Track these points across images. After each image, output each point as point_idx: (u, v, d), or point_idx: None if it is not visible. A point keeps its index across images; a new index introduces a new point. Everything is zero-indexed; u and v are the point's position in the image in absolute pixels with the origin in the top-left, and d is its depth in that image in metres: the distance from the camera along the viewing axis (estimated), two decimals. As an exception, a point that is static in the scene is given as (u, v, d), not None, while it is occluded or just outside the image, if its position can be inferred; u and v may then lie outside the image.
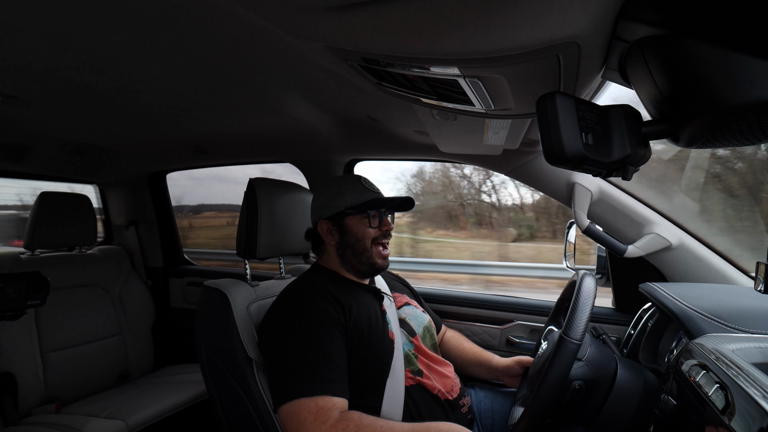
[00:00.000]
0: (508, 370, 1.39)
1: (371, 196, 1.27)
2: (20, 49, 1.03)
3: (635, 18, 0.57)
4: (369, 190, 1.29)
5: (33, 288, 1.65)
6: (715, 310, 0.99)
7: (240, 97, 1.40)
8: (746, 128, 0.51)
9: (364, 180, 1.31)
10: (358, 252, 1.27)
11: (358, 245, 1.27)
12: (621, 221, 1.47)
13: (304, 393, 0.99)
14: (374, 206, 1.26)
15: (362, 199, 1.26)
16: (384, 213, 1.30)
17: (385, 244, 1.30)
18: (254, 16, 0.75)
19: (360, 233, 1.27)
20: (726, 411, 0.58)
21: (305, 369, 1.02)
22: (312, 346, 1.06)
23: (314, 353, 1.05)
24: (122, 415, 1.81)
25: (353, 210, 1.26)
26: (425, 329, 1.35)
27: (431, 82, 0.79)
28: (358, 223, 1.27)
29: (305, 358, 1.04)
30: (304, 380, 1.01)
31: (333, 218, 1.29)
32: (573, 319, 0.93)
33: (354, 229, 1.27)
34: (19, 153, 2.10)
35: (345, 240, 1.28)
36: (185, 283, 2.66)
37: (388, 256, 1.31)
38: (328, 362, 1.05)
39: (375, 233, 1.27)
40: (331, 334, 1.09)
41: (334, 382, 1.03)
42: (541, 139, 0.57)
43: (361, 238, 1.27)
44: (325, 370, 1.03)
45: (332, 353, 1.06)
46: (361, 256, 1.27)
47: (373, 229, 1.27)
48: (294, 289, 1.21)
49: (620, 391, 1.00)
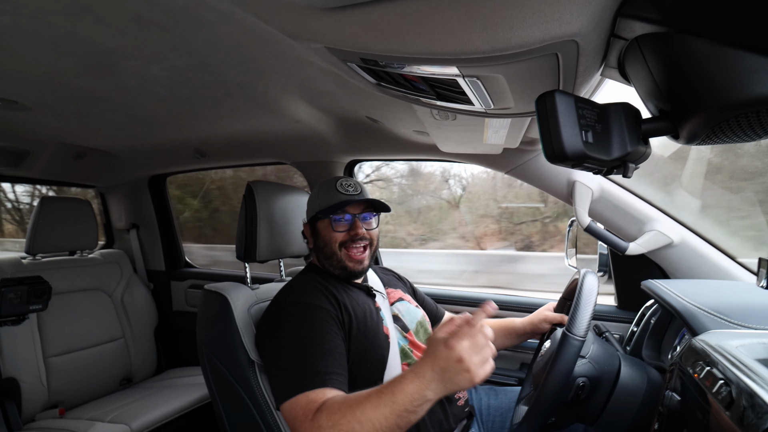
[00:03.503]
0: (536, 329, 1.39)
1: (338, 199, 1.24)
2: (20, 53, 1.03)
3: (634, 16, 0.57)
4: (340, 193, 1.26)
5: (35, 293, 1.66)
6: (718, 306, 0.98)
7: (240, 100, 1.40)
8: (746, 124, 0.51)
9: (342, 181, 1.28)
10: (327, 256, 1.27)
11: (326, 249, 1.27)
12: (622, 219, 1.47)
13: (299, 389, 0.98)
14: (337, 210, 1.24)
15: (329, 202, 1.25)
16: (357, 216, 1.26)
17: (356, 248, 1.26)
18: (253, 18, 0.75)
19: (326, 237, 1.26)
20: (730, 407, 0.58)
21: (303, 365, 1.02)
22: (310, 341, 1.05)
23: (312, 348, 1.04)
24: (126, 419, 1.81)
25: (322, 214, 1.26)
26: (418, 324, 1.35)
27: (430, 81, 0.79)
28: (326, 227, 1.27)
29: (304, 354, 1.03)
30: (302, 376, 1.00)
31: (311, 222, 1.32)
32: (576, 315, 0.94)
33: (322, 233, 1.27)
34: (19, 158, 2.10)
35: (317, 244, 1.30)
36: (187, 286, 2.67)
37: (364, 260, 1.27)
38: (327, 355, 1.04)
39: (342, 237, 1.25)
40: (329, 328, 1.09)
41: (332, 374, 1.02)
42: (541, 137, 0.57)
43: (328, 242, 1.26)
44: (324, 363, 1.02)
45: (331, 347, 1.06)
46: (330, 260, 1.27)
47: (339, 233, 1.25)
48: (289, 288, 1.22)
49: (624, 388, 1.00)
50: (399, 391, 0.85)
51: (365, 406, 0.87)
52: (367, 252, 1.28)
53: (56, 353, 2.05)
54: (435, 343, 0.85)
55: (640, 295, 1.32)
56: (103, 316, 2.30)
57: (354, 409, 0.87)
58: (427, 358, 0.86)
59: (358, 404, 0.88)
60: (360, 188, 1.31)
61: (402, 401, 0.84)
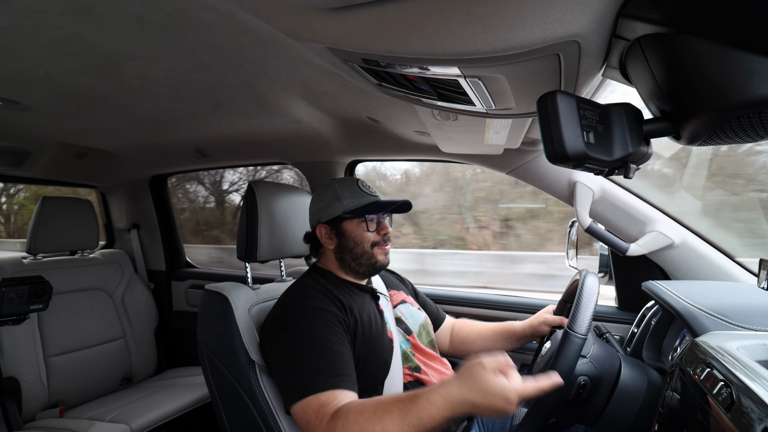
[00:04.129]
0: (536, 332, 1.38)
1: (369, 200, 1.26)
2: (21, 54, 1.03)
3: (635, 16, 0.57)
4: (366, 193, 1.27)
5: (36, 292, 1.66)
6: (718, 307, 0.98)
7: (241, 100, 1.41)
8: (748, 125, 0.51)
9: (361, 183, 1.30)
10: (357, 255, 1.26)
11: (356, 249, 1.26)
12: (623, 219, 1.47)
13: (309, 391, 0.98)
14: (372, 210, 1.25)
15: (360, 203, 1.25)
16: (381, 216, 1.29)
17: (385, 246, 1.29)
18: (254, 18, 0.75)
19: (358, 238, 1.26)
20: (731, 408, 0.58)
21: (312, 367, 1.02)
22: (318, 343, 1.05)
23: (321, 351, 1.04)
24: (126, 419, 1.81)
25: (351, 214, 1.25)
26: (421, 327, 1.36)
27: (432, 82, 0.79)
28: (356, 228, 1.26)
29: (313, 357, 1.03)
30: (312, 378, 1.00)
31: (331, 222, 1.28)
32: (577, 314, 0.94)
33: (352, 234, 1.27)
34: (20, 157, 2.11)
35: (343, 244, 1.27)
36: (187, 285, 2.67)
37: (389, 253, 1.30)
38: (336, 357, 1.04)
39: (374, 237, 1.27)
40: (336, 331, 1.09)
41: (343, 377, 1.02)
42: (542, 138, 0.57)
43: (360, 242, 1.26)
44: (333, 366, 1.03)
45: (339, 349, 1.06)
46: (360, 259, 1.27)
47: (371, 233, 1.26)
48: (295, 291, 1.21)
49: (624, 389, 1.00)
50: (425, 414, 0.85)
51: (386, 421, 0.86)
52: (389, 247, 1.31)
53: (57, 353, 2.05)
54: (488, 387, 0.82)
55: (640, 296, 1.32)
56: (104, 315, 2.30)
57: (373, 422, 0.87)
58: (467, 392, 0.84)
59: (379, 419, 0.87)
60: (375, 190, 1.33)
61: (427, 422, 0.84)
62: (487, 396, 0.81)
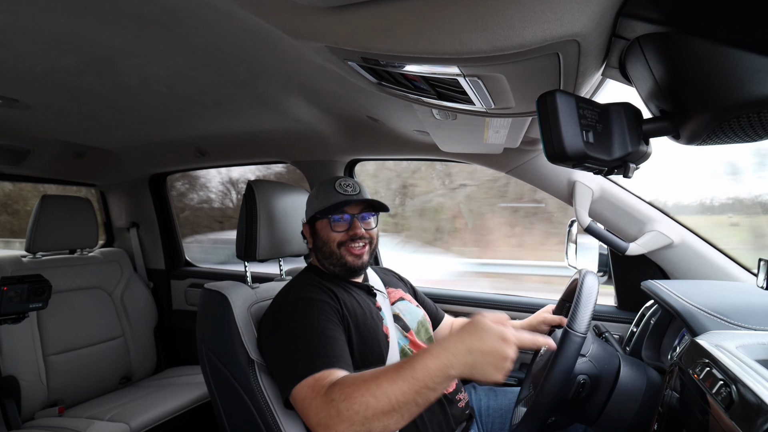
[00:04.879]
0: (536, 331, 1.37)
1: (336, 200, 1.25)
2: (21, 51, 1.03)
3: (635, 15, 0.57)
4: (339, 193, 1.26)
5: (35, 291, 1.66)
6: (717, 307, 0.98)
7: (240, 98, 1.41)
8: (747, 125, 0.51)
9: (340, 183, 1.29)
10: (327, 255, 1.28)
11: (325, 248, 1.28)
12: (622, 219, 1.47)
13: (305, 373, 0.97)
14: (335, 210, 1.25)
15: (327, 203, 1.26)
16: (356, 216, 1.27)
17: (354, 246, 1.27)
18: (254, 17, 0.75)
19: (325, 237, 1.27)
20: (730, 408, 0.58)
21: (307, 351, 1.01)
22: (311, 330, 1.05)
23: (315, 336, 1.04)
24: (125, 418, 1.81)
25: (320, 214, 1.26)
26: (419, 324, 1.36)
27: (431, 81, 0.79)
28: (324, 227, 1.28)
29: (306, 342, 1.03)
30: (307, 361, 0.99)
31: (309, 222, 1.33)
32: (577, 313, 0.94)
33: (321, 233, 1.29)
34: (20, 156, 2.10)
35: (316, 243, 1.31)
36: (186, 284, 2.67)
37: (362, 255, 1.28)
38: (330, 341, 1.04)
39: (341, 237, 1.26)
40: (331, 318, 1.10)
41: (338, 357, 1.01)
42: (541, 137, 0.57)
43: (327, 241, 1.27)
44: (327, 348, 1.02)
45: (333, 334, 1.06)
46: (330, 259, 1.28)
47: (337, 233, 1.26)
48: (289, 288, 1.23)
49: (623, 388, 1.00)
50: (421, 366, 0.82)
51: (381, 380, 0.84)
52: (366, 248, 1.29)
53: (56, 351, 2.05)
54: (485, 328, 0.83)
55: (639, 295, 1.32)
56: (103, 314, 2.30)
57: (369, 383, 0.85)
58: (465, 337, 0.83)
59: (374, 378, 0.85)
60: (359, 188, 1.31)
61: (423, 377, 0.81)
62: (484, 339, 0.81)
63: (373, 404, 0.82)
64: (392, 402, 0.82)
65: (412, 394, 0.82)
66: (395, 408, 0.82)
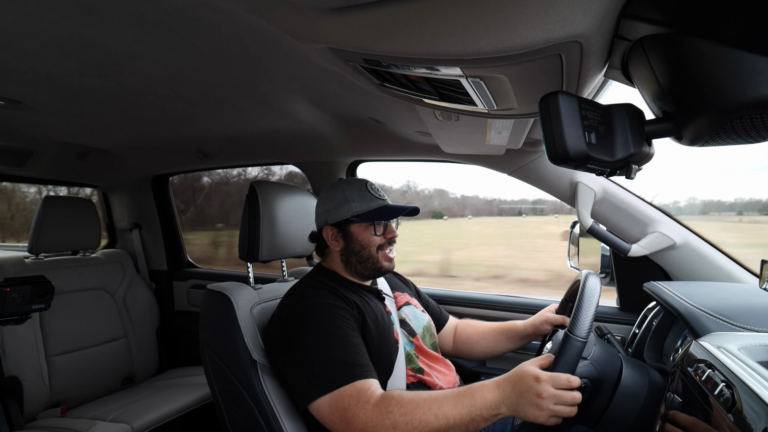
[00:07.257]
0: (538, 331, 1.39)
1: (378, 204, 1.26)
2: (24, 53, 1.03)
3: (638, 17, 0.57)
4: (375, 197, 1.28)
5: (38, 292, 1.66)
6: (720, 308, 0.98)
7: (243, 100, 1.41)
8: (750, 126, 0.51)
9: (370, 186, 1.30)
10: (363, 259, 1.27)
11: (363, 252, 1.27)
12: (625, 220, 1.47)
13: (340, 382, 0.99)
14: (381, 215, 1.25)
15: (368, 207, 1.25)
16: (389, 220, 1.30)
17: (390, 249, 1.30)
18: (256, 18, 0.75)
19: (365, 241, 1.27)
20: (732, 409, 0.58)
21: (337, 359, 1.02)
22: (337, 338, 1.06)
23: (342, 344, 1.05)
24: (127, 419, 1.81)
25: (359, 218, 1.25)
26: (425, 329, 1.36)
27: (433, 82, 0.79)
28: (363, 231, 1.27)
29: (334, 351, 1.03)
30: (340, 370, 1.00)
31: (338, 225, 1.28)
32: (578, 316, 0.93)
33: (359, 237, 1.27)
34: (23, 157, 2.11)
35: (350, 247, 1.28)
36: (189, 285, 2.67)
37: (393, 259, 1.31)
38: (357, 350, 1.05)
39: (380, 241, 1.27)
40: (351, 325, 1.11)
41: (367, 366, 1.04)
42: (544, 138, 0.57)
43: (366, 245, 1.27)
44: (357, 357, 1.04)
45: (357, 342, 1.08)
46: (366, 263, 1.27)
47: (378, 237, 1.27)
48: (302, 289, 1.20)
49: (626, 390, 1.00)
50: (479, 396, 0.92)
51: (442, 402, 0.92)
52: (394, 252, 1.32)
53: (58, 352, 2.05)
54: (525, 372, 0.91)
55: (642, 296, 1.32)
56: (106, 315, 2.30)
57: (430, 404, 0.92)
58: (512, 378, 0.92)
59: (435, 400, 0.93)
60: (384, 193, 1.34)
61: (480, 407, 0.90)
62: (522, 399, 0.89)
63: (432, 423, 0.91)
64: (449, 424, 0.90)
65: (467, 421, 0.90)
66: (448, 430, 0.91)
